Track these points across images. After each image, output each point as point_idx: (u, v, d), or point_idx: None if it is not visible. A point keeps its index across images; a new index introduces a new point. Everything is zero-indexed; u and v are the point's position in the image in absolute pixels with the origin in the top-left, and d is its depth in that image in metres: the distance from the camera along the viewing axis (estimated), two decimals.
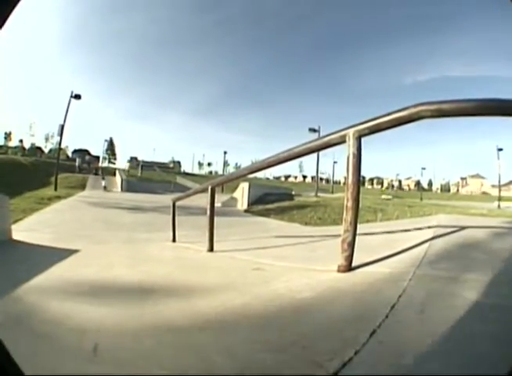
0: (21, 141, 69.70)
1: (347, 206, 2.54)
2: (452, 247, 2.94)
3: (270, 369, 1.27)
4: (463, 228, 3.81)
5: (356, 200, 2.53)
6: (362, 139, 2.57)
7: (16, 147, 65.91)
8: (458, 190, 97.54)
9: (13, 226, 7.05)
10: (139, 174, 45.39)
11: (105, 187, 28.91)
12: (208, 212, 4.49)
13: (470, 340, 1.34)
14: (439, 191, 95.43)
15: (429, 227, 4.05)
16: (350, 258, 2.47)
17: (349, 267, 2.46)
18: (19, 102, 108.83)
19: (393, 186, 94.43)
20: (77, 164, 36.75)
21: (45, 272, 3.04)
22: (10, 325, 1.78)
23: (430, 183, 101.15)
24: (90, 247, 5.67)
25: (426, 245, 2.99)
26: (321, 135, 3.63)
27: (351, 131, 2.57)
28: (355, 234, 2.51)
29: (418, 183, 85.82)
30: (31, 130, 69.93)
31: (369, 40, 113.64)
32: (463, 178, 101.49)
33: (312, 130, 28.86)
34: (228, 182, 6.21)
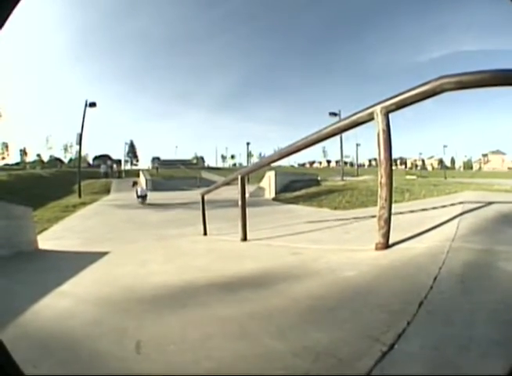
0: (39, 155, 70.11)
1: (381, 182, 2.53)
2: (482, 222, 2.91)
3: (326, 347, 1.26)
4: (489, 203, 3.79)
5: (390, 176, 2.52)
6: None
7: (34, 162, 65.06)
8: (480, 167, 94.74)
9: (40, 236, 7.21)
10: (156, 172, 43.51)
11: (144, 197, 17.70)
12: (240, 202, 4.49)
13: (509, 306, 1.35)
14: (462, 169, 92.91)
15: (457, 204, 4.03)
16: (387, 235, 2.47)
17: (386, 244, 2.46)
18: (34, 117, 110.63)
19: (416, 166, 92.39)
20: (102, 170, 37.08)
21: (76, 276, 3.01)
22: (43, 334, 1.74)
23: (452, 161, 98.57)
24: (120, 247, 5.76)
25: (456, 220, 2.97)
26: (341, 117, 3.61)
27: (378, 108, 2.56)
28: (390, 210, 2.50)
29: (441, 162, 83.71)
30: (48, 143, 70.21)
31: (380, 18, 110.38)
32: (484, 155, 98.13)
33: (333, 114, 28.38)
34: (257, 170, 6.15)
